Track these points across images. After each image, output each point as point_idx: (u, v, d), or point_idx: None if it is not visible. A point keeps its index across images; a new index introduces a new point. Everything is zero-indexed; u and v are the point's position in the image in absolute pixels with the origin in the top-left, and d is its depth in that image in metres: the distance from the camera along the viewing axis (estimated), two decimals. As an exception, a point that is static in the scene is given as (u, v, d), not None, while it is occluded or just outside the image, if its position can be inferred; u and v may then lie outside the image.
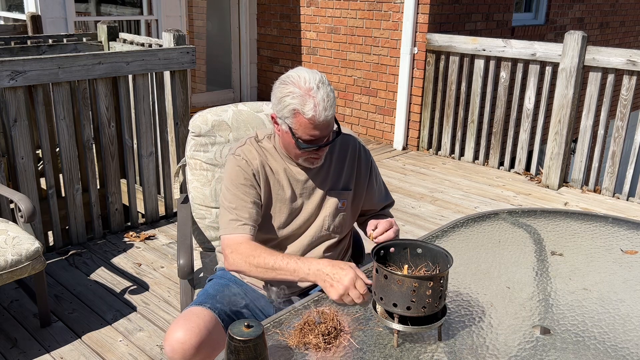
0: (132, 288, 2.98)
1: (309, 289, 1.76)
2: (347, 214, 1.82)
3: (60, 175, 3.37)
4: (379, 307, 1.37)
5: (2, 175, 3.01)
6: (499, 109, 5.02)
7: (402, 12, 5.32)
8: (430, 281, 1.28)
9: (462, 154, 5.37)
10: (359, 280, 1.45)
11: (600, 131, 4.48)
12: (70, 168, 3.27)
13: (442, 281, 1.30)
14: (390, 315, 1.33)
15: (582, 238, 1.93)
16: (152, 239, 3.54)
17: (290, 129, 1.61)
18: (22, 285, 2.80)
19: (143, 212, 3.76)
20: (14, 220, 2.86)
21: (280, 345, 1.31)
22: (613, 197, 4.48)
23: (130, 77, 3.47)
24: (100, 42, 4.14)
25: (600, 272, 1.70)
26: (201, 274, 2.07)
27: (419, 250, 1.44)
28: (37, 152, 3.35)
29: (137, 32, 5.77)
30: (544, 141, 4.96)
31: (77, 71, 3.13)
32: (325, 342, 1.30)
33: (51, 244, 3.44)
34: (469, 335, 1.37)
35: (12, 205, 3.03)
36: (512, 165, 5.11)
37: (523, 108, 4.85)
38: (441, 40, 5.16)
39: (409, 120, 5.57)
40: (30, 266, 2.39)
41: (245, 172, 1.70)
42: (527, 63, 4.79)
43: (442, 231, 1.92)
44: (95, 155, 3.46)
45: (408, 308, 1.28)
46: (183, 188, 2.26)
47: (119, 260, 3.26)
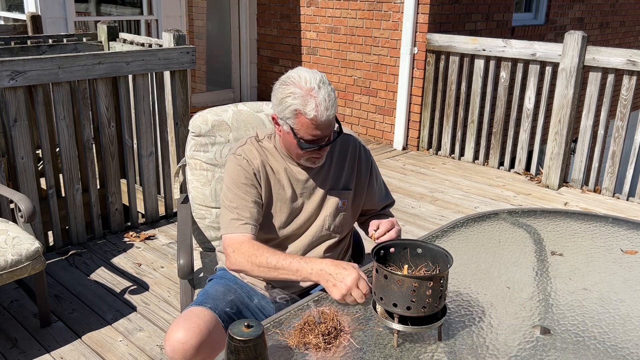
0: (132, 288, 2.98)
1: (310, 288, 1.77)
2: (347, 214, 1.82)
3: (60, 175, 3.37)
4: (379, 307, 1.37)
5: (2, 175, 3.01)
6: (499, 109, 5.02)
7: (402, 12, 5.32)
8: (430, 281, 1.28)
9: (462, 154, 5.37)
10: (362, 280, 1.46)
11: (600, 131, 4.48)
12: (70, 168, 3.27)
13: (442, 281, 1.30)
14: (390, 315, 1.33)
15: (582, 238, 1.94)
16: (152, 239, 3.54)
17: (292, 129, 1.61)
18: (22, 285, 2.80)
19: (143, 212, 3.76)
20: (14, 220, 2.86)
21: (280, 345, 1.31)
22: (613, 197, 4.48)
23: (130, 77, 3.47)
24: (100, 42, 4.14)
25: (600, 272, 1.70)
26: (201, 274, 2.07)
27: (419, 250, 1.44)
28: (37, 152, 3.35)
29: (137, 32, 5.77)
30: (544, 141, 4.96)
31: (77, 71, 3.13)
32: (325, 342, 1.31)
33: (51, 244, 3.44)
34: (469, 335, 1.37)
35: (12, 205, 3.03)
36: (512, 165, 5.11)
37: (523, 108, 4.85)
38: (441, 40, 5.16)
39: (409, 120, 5.57)
40: (30, 266, 2.39)
41: (247, 171, 1.70)
42: (527, 63, 4.79)
43: (442, 231, 1.92)
44: (95, 155, 3.46)
45: (408, 308, 1.29)
46: (183, 188, 2.26)
47: (119, 260, 3.26)
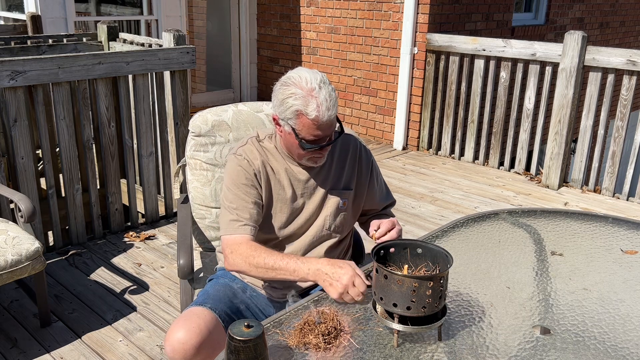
0: (132, 288, 2.98)
1: (309, 288, 1.77)
2: (348, 214, 1.82)
3: (60, 175, 3.37)
4: (379, 307, 1.37)
5: (2, 175, 3.01)
6: (499, 109, 5.02)
7: (402, 12, 5.32)
8: (430, 281, 1.28)
9: (462, 154, 5.37)
10: (358, 278, 1.46)
11: (600, 131, 4.48)
12: (70, 168, 3.27)
13: (442, 281, 1.30)
14: (390, 315, 1.33)
15: (582, 238, 1.93)
16: (152, 239, 3.54)
17: (293, 130, 1.61)
18: (22, 285, 2.80)
19: (143, 212, 3.76)
20: (14, 220, 2.85)
21: (280, 345, 1.31)
22: (613, 197, 4.48)
23: (130, 77, 3.47)
24: (100, 42, 4.14)
25: (600, 272, 1.70)
26: (201, 274, 2.07)
27: (419, 250, 1.44)
28: (37, 152, 3.35)
29: (137, 32, 5.77)
30: (544, 141, 4.96)
31: (77, 71, 3.13)
32: (325, 342, 1.31)
33: (51, 244, 3.44)
34: (469, 335, 1.37)
35: (12, 205, 3.03)
36: (512, 165, 5.11)
37: (523, 108, 4.85)
38: (441, 40, 5.16)
39: (409, 120, 5.57)
40: (30, 266, 2.39)
41: (247, 172, 1.70)
42: (527, 63, 4.79)
43: (442, 231, 1.92)
44: (95, 155, 3.46)
45: (408, 308, 1.29)
46: (183, 188, 2.26)
47: (119, 260, 3.26)
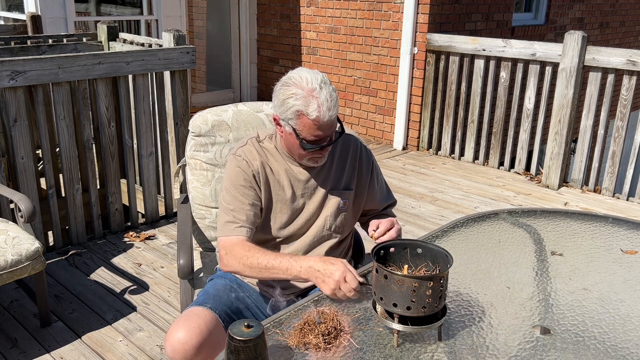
0: (132, 288, 2.98)
1: (309, 289, 1.77)
2: (348, 214, 1.82)
3: (60, 175, 3.37)
4: (379, 307, 1.37)
5: (2, 175, 3.01)
6: (499, 109, 5.02)
7: (402, 12, 5.32)
8: (430, 281, 1.28)
9: (462, 154, 5.37)
10: (349, 273, 1.45)
11: (600, 131, 4.48)
12: (70, 168, 3.27)
13: (442, 281, 1.30)
14: (390, 315, 1.33)
15: (582, 238, 1.93)
16: (152, 239, 3.54)
17: (294, 130, 1.61)
18: (22, 285, 2.80)
19: (143, 212, 3.76)
20: (14, 220, 2.85)
21: (280, 345, 1.31)
22: (613, 197, 4.48)
23: (130, 77, 3.47)
24: (100, 42, 4.14)
25: (600, 272, 1.70)
26: (201, 274, 2.07)
27: (419, 250, 1.44)
28: (37, 152, 3.35)
29: (137, 32, 5.76)
30: (544, 141, 4.96)
31: (77, 71, 3.13)
32: (325, 342, 1.31)
33: (51, 244, 3.44)
34: (469, 335, 1.37)
35: (12, 205, 3.03)
36: (512, 165, 5.11)
37: (523, 108, 4.85)
38: (441, 40, 5.16)
39: (409, 120, 5.57)
40: (30, 266, 2.39)
41: (245, 173, 1.70)
42: (527, 63, 4.79)
43: (442, 231, 1.92)
44: (95, 155, 3.46)
45: (408, 308, 1.29)
46: (183, 188, 2.26)
47: (119, 260, 3.26)
